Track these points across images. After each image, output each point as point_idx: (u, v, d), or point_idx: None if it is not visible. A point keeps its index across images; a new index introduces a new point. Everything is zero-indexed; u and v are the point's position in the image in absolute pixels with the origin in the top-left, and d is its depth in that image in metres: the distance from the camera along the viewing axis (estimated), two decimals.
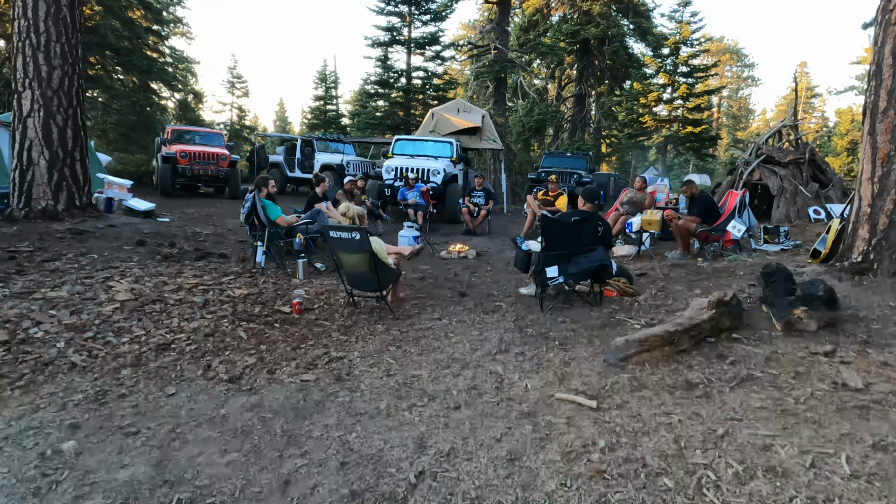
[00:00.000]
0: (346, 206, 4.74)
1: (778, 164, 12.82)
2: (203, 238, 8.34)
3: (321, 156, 16.49)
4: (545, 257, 4.79)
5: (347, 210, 4.70)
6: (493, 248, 8.41)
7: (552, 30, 24.82)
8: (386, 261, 4.78)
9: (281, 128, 59.37)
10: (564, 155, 18.24)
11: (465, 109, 14.23)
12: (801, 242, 8.29)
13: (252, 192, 6.24)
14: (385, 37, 19.86)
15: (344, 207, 4.72)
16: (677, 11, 21.99)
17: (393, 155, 12.41)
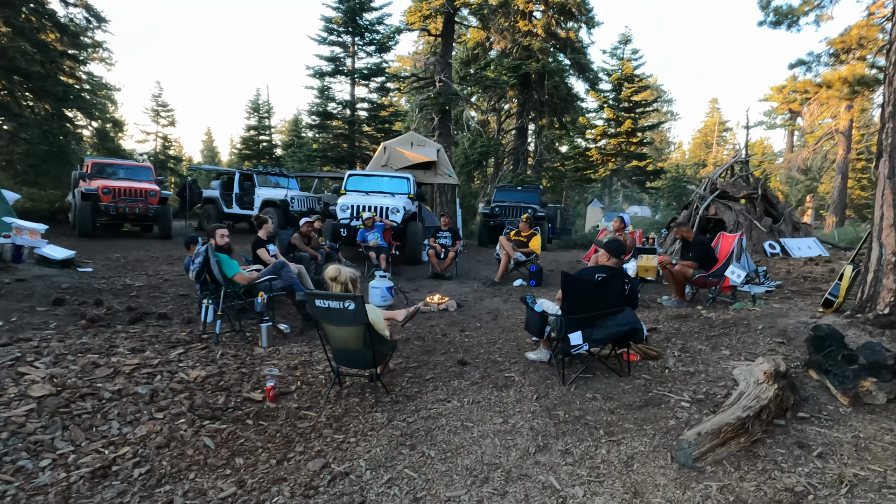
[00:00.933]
0: (335, 268, 3.92)
1: (732, 199, 12.95)
2: (135, 292, 7.16)
3: (262, 191, 15.36)
4: (567, 322, 4.12)
5: (338, 274, 3.87)
6: (472, 296, 7.70)
7: (494, 63, 24.91)
8: (383, 333, 3.98)
9: (209, 158, 56.85)
10: (515, 189, 17.95)
11: (419, 143, 13.62)
12: (782, 283, 8.12)
13: (205, 244, 5.26)
14: (328, 67, 19.08)
15: (333, 270, 3.90)
16: (618, 48, 22.58)
17: (346, 191, 11.56)
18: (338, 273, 3.86)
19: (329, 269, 3.90)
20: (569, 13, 25.65)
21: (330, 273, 3.88)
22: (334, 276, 3.86)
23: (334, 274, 3.86)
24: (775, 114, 64.17)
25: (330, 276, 3.88)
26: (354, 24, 18.45)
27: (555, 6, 25.26)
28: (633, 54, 22.31)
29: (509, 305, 6.99)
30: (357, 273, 4.05)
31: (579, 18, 25.91)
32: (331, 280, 3.88)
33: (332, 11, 18.82)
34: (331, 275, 3.87)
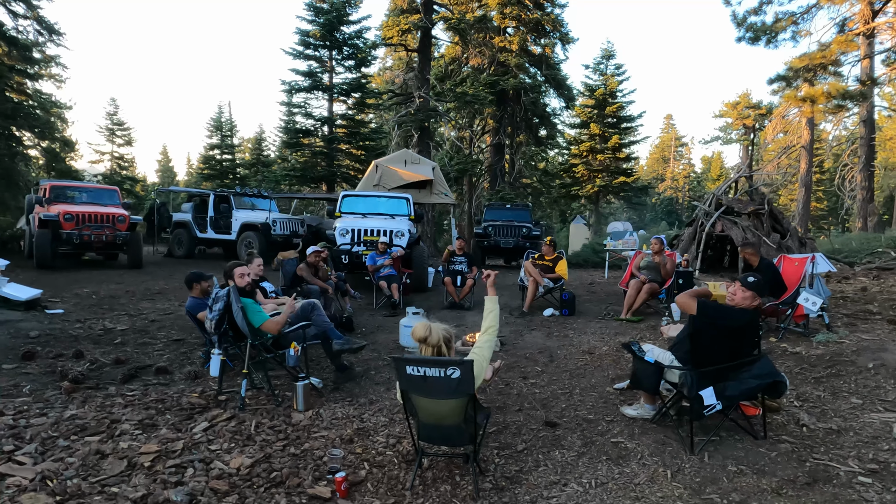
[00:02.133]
0: (424, 326, 3.07)
1: (737, 215, 12.62)
2: (120, 338, 6.10)
3: (240, 213, 14.25)
4: (698, 377, 3.38)
5: (429, 334, 3.03)
6: (505, 330, 6.90)
7: (470, 79, 24.44)
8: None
9: (166, 178, 54.58)
10: (504, 207, 17.34)
11: (414, 161, 12.84)
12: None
13: (223, 286, 4.33)
14: (304, 82, 18.15)
15: (423, 329, 3.06)
16: (601, 63, 22.40)
17: (341, 214, 10.65)
18: (427, 332, 3.02)
19: (417, 328, 3.06)
20: (542, 30, 25.52)
21: (418, 332, 3.03)
22: (423, 337, 3.02)
23: (423, 333, 3.02)
24: (730, 129, 66.30)
25: (419, 337, 3.03)
26: (332, 37, 17.62)
27: (528, 23, 25.07)
28: (616, 69, 22.21)
29: (556, 342, 6.22)
30: (451, 329, 3.21)
31: (553, 35, 25.80)
32: (420, 341, 3.04)
33: (308, 25, 17.94)
34: (419, 334, 3.03)
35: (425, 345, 3.03)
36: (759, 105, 60.85)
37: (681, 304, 3.77)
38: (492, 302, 3.43)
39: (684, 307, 3.73)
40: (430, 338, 3.02)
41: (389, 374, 5.12)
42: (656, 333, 6.44)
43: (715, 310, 3.66)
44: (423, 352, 3.04)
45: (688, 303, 3.70)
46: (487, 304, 3.44)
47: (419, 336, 3.03)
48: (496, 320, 3.41)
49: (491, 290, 3.51)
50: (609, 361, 5.32)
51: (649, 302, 7.57)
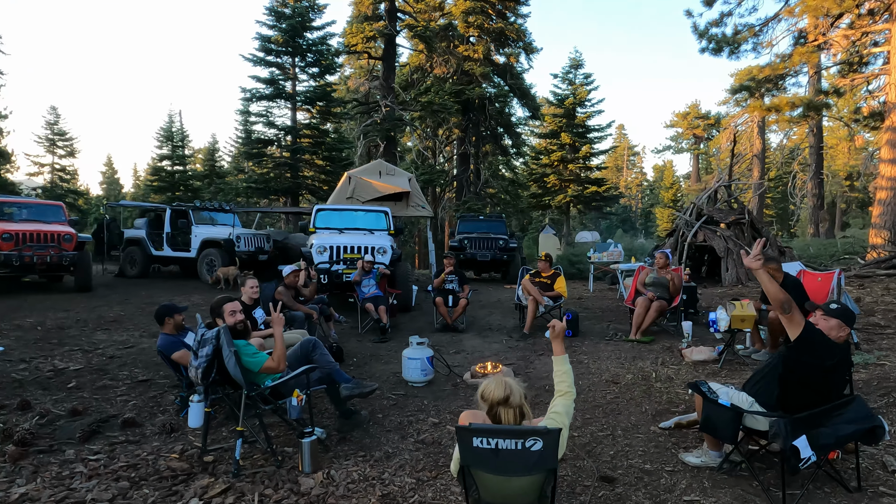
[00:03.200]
0: (500, 383, 2.43)
1: (719, 225, 12.51)
2: (74, 382, 5.24)
3: (201, 229, 13.25)
4: (792, 425, 2.90)
5: (510, 393, 2.41)
6: (512, 356, 6.35)
7: (434, 88, 24.00)
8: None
9: (112, 191, 52.01)
10: (478, 218, 16.86)
11: (389, 172, 12.21)
12: None
13: (211, 326, 3.62)
14: (266, 89, 17.27)
15: (500, 387, 2.41)
16: (570, 73, 22.31)
17: (316, 229, 9.93)
18: (507, 390, 2.39)
19: (491, 386, 2.41)
20: (506, 39, 25.37)
21: (495, 392, 2.38)
22: (504, 398, 2.37)
23: (504, 392, 2.38)
24: (681, 138, 68.10)
25: (496, 399, 2.38)
26: (295, 43, 16.84)
27: (492, 32, 24.88)
28: (585, 79, 22.16)
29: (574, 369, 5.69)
30: (523, 387, 2.60)
31: (516, 45, 25.68)
32: (498, 404, 2.40)
33: (269, 30, 17.12)
34: (497, 395, 2.37)
35: (505, 406, 2.39)
36: (707, 115, 62.87)
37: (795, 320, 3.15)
38: (562, 362, 2.82)
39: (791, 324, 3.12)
40: (511, 397, 2.39)
41: (399, 415, 4.49)
42: (673, 356, 6.02)
43: (821, 345, 3.12)
44: (504, 417, 2.39)
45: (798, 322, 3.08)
46: (558, 365, 2.82)
47: (498, 397, 2.39)
48: (572, 383, 2.80)
49: (559, 346, 2.89)
50: (639, 393, 4.83)
51: (657, 321, 7.15)
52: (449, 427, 4.19)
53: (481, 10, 23.71)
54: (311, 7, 17.76)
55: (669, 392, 4.80)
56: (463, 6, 23.40)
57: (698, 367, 5.42)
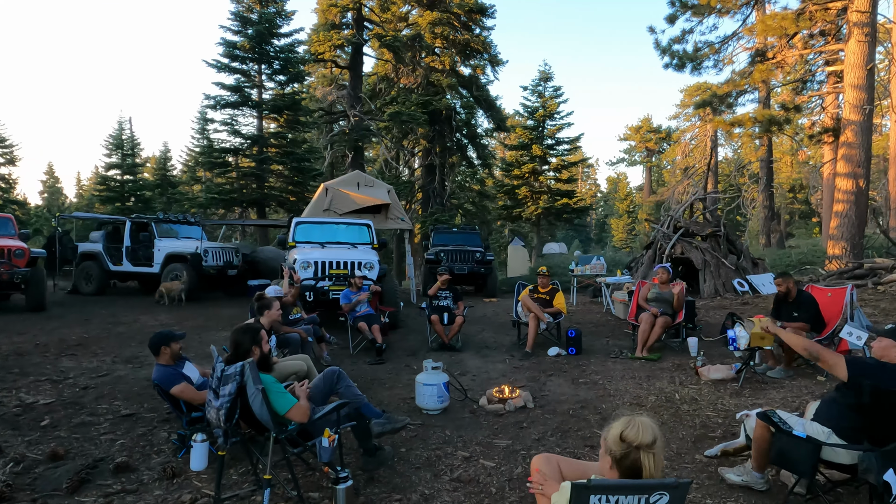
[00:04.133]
0: (648, 427, 2.00)
1: (696, 237, 12.66)
2: (48, 419, 4.67)
3: (164, 242, 12.52)
4: (882, 458, 2.73)
5: (654, 437, 2.00)
6: (525, 378, 6.07)
7: (401, 98, 23.71)
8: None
9: (54, 200, 49.36)
10: (451, 230, 16.64)
11: (367, 183, 11.83)
12: None
13: (232, 360, 3.19)
14: (231, 97, 16.60)
15: (648, 430, 1.97)
16: (539, 85, 22.42)
17: (296, 244, 9.45)
18: (655, 433, 2.01)
19: (634, 428, 2.02)
20: (472, 51, 25.38)
21: (643, 437, 1.97)
22: (652, 441, 1.98)
23: (651, 436, 1.98)
24: (634, 151, 69.94)
25: (645, 442, 1.96)
26: (262, 50, 16.27)
27: (458, 44, 24.84)
28: (554, 91, 22.33)
29: (589, 391, 5.48)
30: (657, 427, 2.20)
31: (481, 57, 25.71)
32: (644, 448, 1.98)
33: (233, 35, 16.47)
34: (645, 439, 1.97)
35: (646, 450, 2.01)
36: (659, 129, 64.86)
37: (829, 363, 3.14)
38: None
39: (833, 368, 3.10)
40: (658, 440, 2.03)
41: (423, 449, 4.14)
42: (687, 374, 5.89)
43: (874, 368, 3.04)
44: (647, 462, 1.99)
45: (836, 363, 3.08)
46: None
47: (646, 440, 1.99)
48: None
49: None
50: (668, 417, 4.64)
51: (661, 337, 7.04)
52: (483, 462, 3.88)
53: (447, 22, 23.63)
54: (278, 13, 17.23)
55: (699, 415, 4.63)
56: (430, 17, 23.26)
57: (718, 387, 5.29)
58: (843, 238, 16.32)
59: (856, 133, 16.15)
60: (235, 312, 10.56)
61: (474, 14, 24.90)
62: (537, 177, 21.87)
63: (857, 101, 16.15)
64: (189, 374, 4.15)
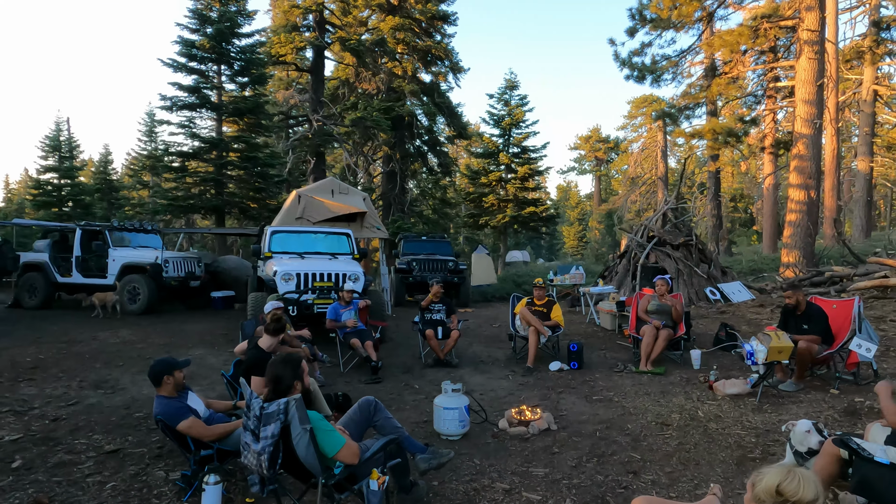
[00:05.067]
0: (812, 484, 1.73)
1: (669, 246, 12.81)
2: (20, 458, 4.10)
3: (120, 252, 11.66)
4: None
5: (796, 487, 1.76)
6: (536, 396, 5.83)
7: (362, 103, 23.25)
8: None
9: None
10: (420, 239, 16.31)
11: (342, 191, 11.39)
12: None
13: (269, 397, 2.80)
14: (188, 98, 15.75)
15: (807, 486, 1.65)
16: (505, 94, 22.41)
17: (272, 254, 8.92)
18: (815, 491, 1.77)
19: (794, 482, 1.75)
20: (433, 58, 25.23)
21: (805, 494, 1.74)
22: (811, 499, 1.74)
23: (814, 492, 1.75)
24: (584, 160, 71.48)
25: (807, 500, 1.72)
26: (221, 50, 15.52)
27: (419, 51, 24.64)
28: (520, 100, 22.36)
29: (607, 409, 5.28)
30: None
31: (443, 64, 25.59)
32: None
33: (191, 34, 15.64)
34: (807, 496, 1.74)
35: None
36: (608, 139, 66.59)
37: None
38: None
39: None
40: (820, 499, 1.78)
41: (456, 481, 3.81)
42: (698, 388, 5.79)
43: None
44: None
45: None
46: None
47: (808, 498, 1.74)
48: None
49: None
50: (699, 437, 4.48)
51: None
52: (527, 495, 3.59)
53: (409, 28, 23.38)
54: (239, 12, 16.50)
55: (729, 434, 4.50)
56: (392, 22, 22.94)
57: (737, 402, 5.21)
58: (796, 246, 16.96)
59: (807, 146, 16.81)
60: (204, 328, 9.91)
61: (436, 21, 24.77)
62: (504, 185, 21.83)
63: (808, 116, 16.81)
64: (194, 406, 3.70)
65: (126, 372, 6.68)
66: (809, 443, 3.49)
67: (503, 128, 21.95)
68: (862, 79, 26.81)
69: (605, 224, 62.27)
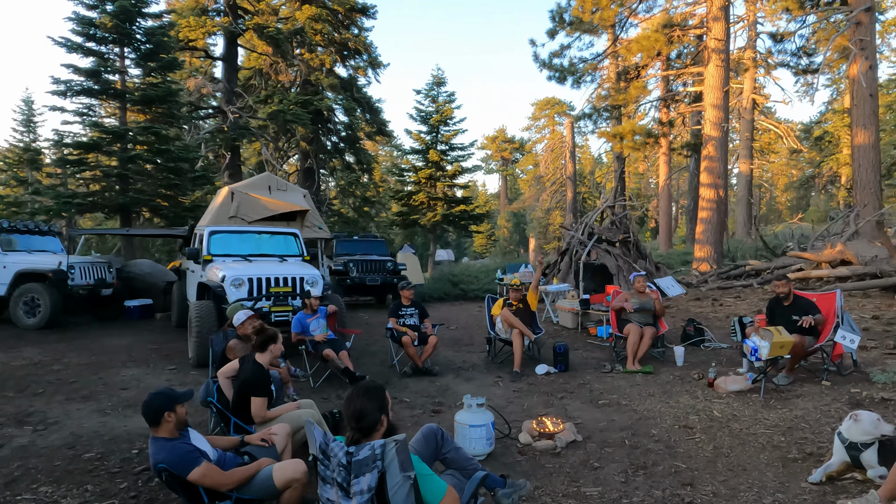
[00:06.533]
0: None
1: (608, 243, 13.06)
2: None
3: (12, 257, 10.00)
4: None
5: None
6: (539, 404, 5.49)
7: (278, 95, 21.91)
8: None
9: None
10: (352, 239, 15.59)
11: (280, 187, 10.45)
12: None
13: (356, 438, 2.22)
14: (87, 82, 13.91)
15: None
16: (433, 90, 21.97)
17: (213, 257, 7.95)
18: None
19: None
20: (352, 52, 24.40)
21: None
22: None
23: None
24: (491, 160, 73.03)
25: None
26: (125, 30, 13.85)
27: (337, 43, 23.72)
28: (448, 97, 22.02)
29: (619, 414, 5.06)
30: None
31: (360, 58, 24.81)
32: None
33: (88, 10, 13.81)
34: None
35: None
36: (513, 140, 68.44)
37: None
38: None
39: None
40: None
41: None
42: (696, 386, 5.75)
43: None
44: None
45: None
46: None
47: None
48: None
49: None
50: (730, 439, 4.36)
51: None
52: None
53: (326, 19, 22.40)
54: None
55: (756, 434, 4.42)
56: (308, 12, 21.82)
57: (744, 400, 5.18)
58: (707, 242, 18.06)
59: (716, 148, 17.92)
60: (128, 343, 8.69)
61: (354, 13, 23.90)
62: (434, 183, 21.47)
63: (716, 119, 17.92)
64: (202, 448, 3.00)
65: (51, 401, 5.58)
66: (882, 430, 3.44)
67: (431, 125, 21.58)
68: (743, 87, 29.27)
69: (512, 223, 63.92)
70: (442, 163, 21.43)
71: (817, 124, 49.62)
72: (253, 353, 3.99)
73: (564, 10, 20.99)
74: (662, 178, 34.48)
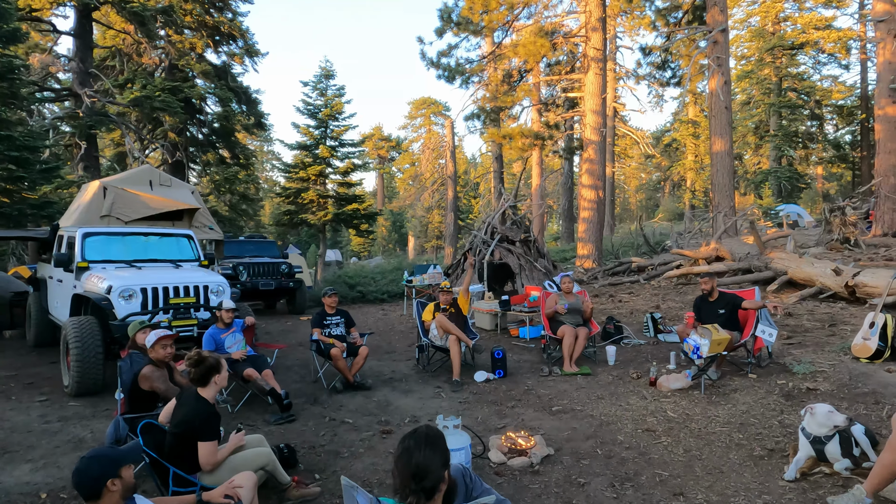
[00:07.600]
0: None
1: (510, 242, 13.18)
2: None
3: None
4: None
5: None
6: (494, 415, 5.18)
7: (141, 80, 19.59)
8: None
9: None
10: (239, 240, 14.34)
11: (164, 182, 9.19)
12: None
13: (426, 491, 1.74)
14: None
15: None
16: (321, 83, 20.80)
17: (89, 264, 6.70)
18: None
19: None
20: (226, 37, 22.63)
21: None
22: None
23: None
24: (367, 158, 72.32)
25: None
26: None
27: (209, 27, 21.84)
28: (338, 91, 20.94)
29: (577, 420, 4.92)
30: None
31: (235, 44, 23.08)
32: None
33: None
34: None
35: None
36: (389, 138, 68.33)
37: None
38: None
39: None
40: None
41: None
42: (638, 385, 5.80)
43: None
44: None
45: None
46: None
47: None
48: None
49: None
50: (692, 440, 4.38)
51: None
52: None
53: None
54: None
55: (714, 432, 4.50)
56: None
57: (689, 398, 5.29)
58: (590, 240, 19.04)
59: (596, 151, 18.94)
60: None
61: None
62: (324, 180, 20.41)
63: (595, 124, 18.93)
64: None
65: None
66: (835, 421, 3.57)
67: (321, 119, 20.51)
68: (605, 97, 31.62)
69: (391, 221, 63.57)
70: (332, 159, 20.48)
71: (665, 133, 55.17)
72: (193, 388, 3.26)
73: (452, 10, 21.05)
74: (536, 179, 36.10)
